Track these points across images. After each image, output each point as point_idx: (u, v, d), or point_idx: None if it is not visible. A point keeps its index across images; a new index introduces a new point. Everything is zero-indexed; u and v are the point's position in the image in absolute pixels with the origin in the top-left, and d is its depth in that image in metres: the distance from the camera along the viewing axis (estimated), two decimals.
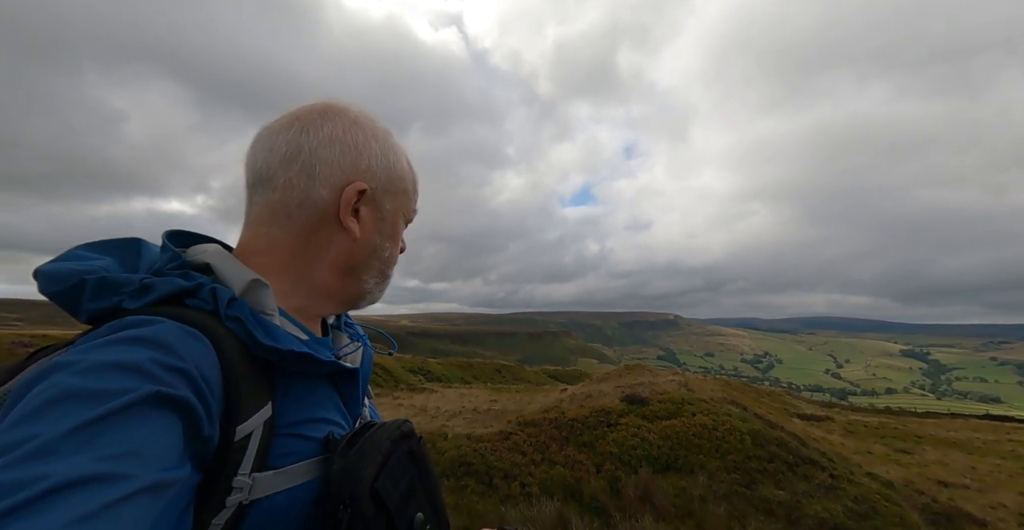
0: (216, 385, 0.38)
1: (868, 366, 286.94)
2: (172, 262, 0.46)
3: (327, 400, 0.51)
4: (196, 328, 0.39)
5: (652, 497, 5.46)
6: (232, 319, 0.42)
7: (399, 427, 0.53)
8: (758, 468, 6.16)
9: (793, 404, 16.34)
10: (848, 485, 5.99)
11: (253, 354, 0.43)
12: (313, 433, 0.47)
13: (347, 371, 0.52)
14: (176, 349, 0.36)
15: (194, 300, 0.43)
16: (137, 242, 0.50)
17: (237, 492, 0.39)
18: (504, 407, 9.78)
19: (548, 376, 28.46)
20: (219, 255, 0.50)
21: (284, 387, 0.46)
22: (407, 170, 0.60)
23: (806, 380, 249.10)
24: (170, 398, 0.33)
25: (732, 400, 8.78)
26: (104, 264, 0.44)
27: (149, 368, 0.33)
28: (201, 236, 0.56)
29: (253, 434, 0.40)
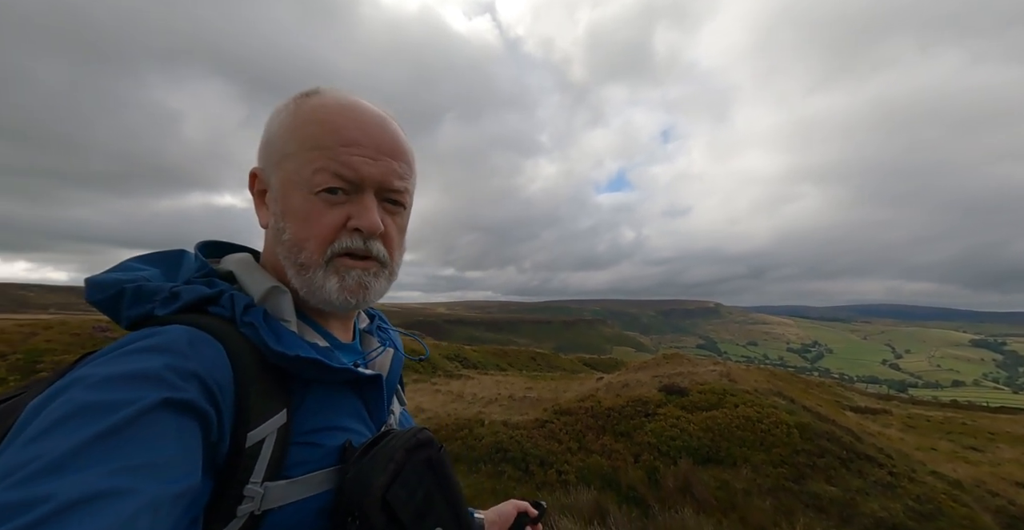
0: (228, 390, 0.38)
1: (932, 357, 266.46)
2: (200, 271, 0.48)
3: (348, 408, 0.49)
4: (210, 333, 0.40)
5: (693, 489, 5.34)
6: (247, 325, 0.43)
7: (415, 435, 0.49)
8: (807, 463, 5.87)
9: (846, 396, 15.47)
10: (909, 483, 5.61)
11: (268, 361, 0.42)
12: (329, 441, 0.45)
13: (366, 378, 0.50)
14: (187, 354, 0.36)
15: (216, 307, 0.44)
16: (181, 253, 0.51)
17: (248, 501, 0.38)
18: (539, 395, 9.83)
19: (583, 364, 28.36)
20: (242, 263, 0.51)
21: (301, 394, 0.45)
22: (294, 130, 0.48)
23: (860, 371, 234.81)
24: (181, 403, 0.33)
25: (778, 391, 8.39)
26: (148, 274, 0.46)
27: (161, 374, 0.33)
28: (236, 246, 0.57)
29: (266, 441, 0.39)
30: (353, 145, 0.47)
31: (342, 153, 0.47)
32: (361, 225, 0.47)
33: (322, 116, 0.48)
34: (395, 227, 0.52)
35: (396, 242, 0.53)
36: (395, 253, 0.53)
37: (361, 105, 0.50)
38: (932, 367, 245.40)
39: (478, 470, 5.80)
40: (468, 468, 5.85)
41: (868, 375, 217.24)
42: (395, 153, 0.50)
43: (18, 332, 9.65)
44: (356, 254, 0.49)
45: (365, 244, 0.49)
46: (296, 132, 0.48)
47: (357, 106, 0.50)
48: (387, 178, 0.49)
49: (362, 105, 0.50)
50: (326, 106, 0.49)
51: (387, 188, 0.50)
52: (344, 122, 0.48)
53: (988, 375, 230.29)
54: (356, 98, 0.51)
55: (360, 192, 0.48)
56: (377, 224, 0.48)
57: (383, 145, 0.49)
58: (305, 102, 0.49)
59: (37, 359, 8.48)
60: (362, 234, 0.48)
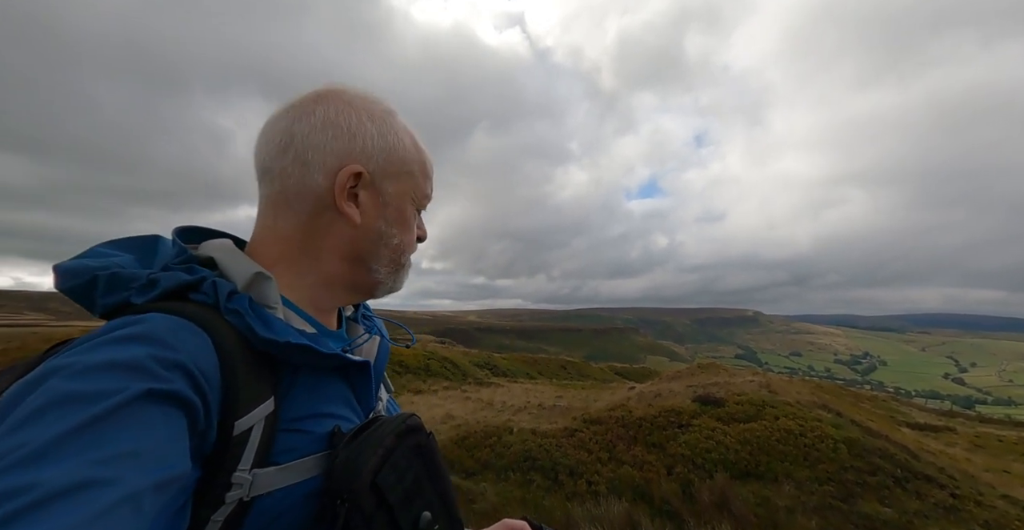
0: (213, 378, 0.37)
1: (1002, 371, 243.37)
2: (179, 257, 0.47)
3: (336, 394, 0.49)
4: (193, 321, 0.39)
5: (730, 504, 5.10)
6: (232, 312, 0.42)
7: (404, 420, 0.50)
8: (856, 481, 5.48)
9: (901, 412, 14.37)
10: (976, 507, 5.13)
11: (255, 348, 0.42)
12: (318, 428, 0.45)
13: (355, 364, 0.51)
14: (171, 343, 0.36)
15: (197, 294, 0.43)
16: (155, 239, 0.51)
17: (237, 488, 0.38)
18: (569, 403, 9.69)
19: (615, 373, 27.74)
20: (224, 249, 0.49)
21: (288, 381, 0.45)
22: (412, 151, 0.56)
23: (919, 385, 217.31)
24: (166, 393, 0.33)
25: (823, 404, 7.91)
26: (121, 261, 0.45)
27: (143, 364, 0.33)
28: (216, 232, 0.55)
29: (254, 429, 0.39)
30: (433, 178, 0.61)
31: (427, 185, 0.59)
32: (424, 235, 0.61)
33: (424, 148, 0.59)
34: None
35: None
36: None
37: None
38: (1003, 382, 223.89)
39: (507, 478, 5.77)
40: (496, 476, 5.83)
41: (928, 390, 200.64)
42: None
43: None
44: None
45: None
46: (417, 156, 0.57)
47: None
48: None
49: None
50: (418, 136, 0.59)
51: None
52: (430, 158, 0.60)
53: None
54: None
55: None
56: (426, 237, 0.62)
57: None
58: (405, 124, 0.57)
59: None
60: (421, 242, 0.61)
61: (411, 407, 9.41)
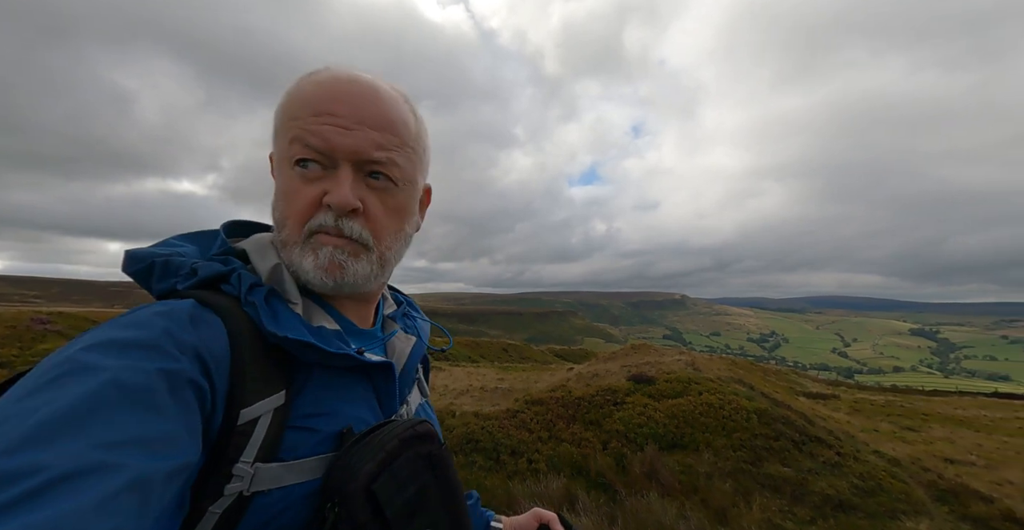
0: (223, 365, 0.38)
1: (876, 345, 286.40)
2: (220, 248, 0.48)
3: (354, 395, 0.47)
4: (213, 310, 0.40)
5: (658, 474, 5.53)
6: (249, 304, 0.42)
7: (412, 426, 0.46)
8: (764, 446, 6.19)
9: (799, 383, 16.39)
10: (854, 463, 6.02)
11: (270, 341, 0.42)
12: (328, 427, 0.43)
13: (373, 365, 0.47)
14: (187, 327, 0.37)
15: (227, 285, 0.44)
16: (217, 232, 0.52)
17: (237, 480, 0.37)
18: (511, 386, 9.90)
19: (555, 355, 28.78)
20: (257, 242, 0.50)
21: (303, 377, 0.43)
22: (281, 105, 0.47)
23: (812, 359, 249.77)
24: (177, 374, 0.33)
25: (739, 379, 8.78)
26: (184, 250, 0.47)
27: (158, 344, 0.34)
28: (265, 226, 0.56)
29: (260, 420, 0.38)
30: (325, 114, 0.44)
31: (312, 122, 0.44)
32: (330, 201, 0.44)
33: (305, 89, 0.46)
34: (381, 206, 0.48)
35: (384, 222, 0.48)
36: (383, 235, 0.48)
37: (355, 78, 0.46)
38: (876, 354, 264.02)
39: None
40: None
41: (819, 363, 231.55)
42: (378, 124, 0.46)
43: None
44: (329, 232, 0.46)
45: (336, 222, 0.45)
46: (284, 109, 0.46)
47: (347, 79, 0.46)
48: (362, 148, 0.45)
49: (356, 78, 0.46)
50: (316, 80, 0.46)
51: (365, 159, 0.46)
52: (322, 93, 0.45)
53: (924, 361, 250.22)
54: (358, 73, 0.47)
55: (336, 166, 0.45)
56: (347, 200, 0.44)
57: (365, 115, 0.45)
58: (301, 79, 0.47)
59: None
60: (333, 210, 0.45)
61: None
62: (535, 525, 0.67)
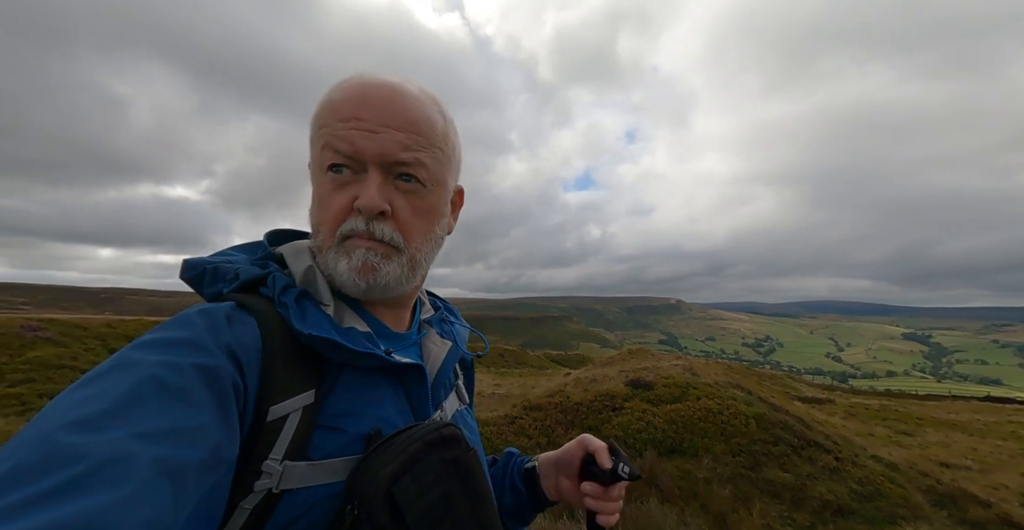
0: (254, 362, 0.39)
1: (869, 349, 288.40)
2: (261, 254, 0.51)
3: (385, 397, 0.47)
4: (248, 310, 0.42)
5: (657, 479, 5.51)
6: (282, 305, 0.43)
7: (438, 429, 0.45)
8: (763, 451, 6.19)
9: (794, 387, 16.45)
10: (852, 467, 6.03)
11: (302, 342, 0.42)
12: (356, 428, 0.43)
13: (403, 367, 0.48)
14: (223, 326, 0.39)
15: (264, 288, 0.45)
16: (263, 242, 0.54)
17: (266, 477, 0.37)
18: (508, 391, 9.85)
19: (551, 360, 28.69)
20: (292, 247, 0.51)
21: (333, 377, 0.44)
22: (315, 115, 0.49)
23: (807, 363, 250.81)
24: (212, 368, 0.35)
25: (736, 384, 8.80)
26: (235, 258, 0.49)
27: (194, 341, 0.36)
28: (305, 233, 0.56)
29: (289, 418, 0.39)
30: (352, 120, 0.45)
31: (340, 128, 0.45)
32: (359, 205, 0.45)
33: (332, 96, 0.47)
34: (410, 208, 0.48)
35: (413, 224, 0.49)
36: (413, 236, 0.49)
37: (382, 82, 0.47)
38: (869, 359, 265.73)
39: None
40: None
41: (814, 367, 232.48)
42: (402, 125, 0.46)
43: None
44: (361, 236, 0.47)
45: (367, 226, 0.46)
46: (314, 117, 0.49)
47: (374, 84, 0.47)
48: (388, 150, 0.45)
49: (383, 82, 0.47)
50: (345, 87, 0.47)
51: (391, 161, 0.46)
52: (348, 99, 0.46)
53: (916, 365, 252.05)
54: (386, 77, 0.48)
55: (365, 170, 0.46)
56: (374, 202, 0.45)
57: (388, 117, 0.46)
58: (333, 88, 0.48)
59: None
60: (361, 213, 0.46)
61: None
62: (580, 454, 0.61)
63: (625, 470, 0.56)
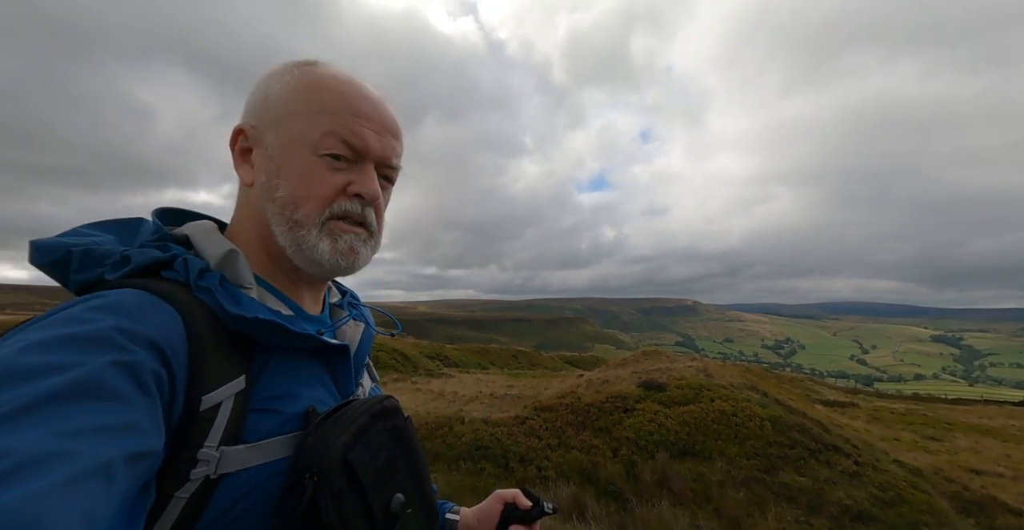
0: (181, 352, 0.37)
1: (896, 352, 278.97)
2: (155, 235, 0.48)
3: (312, 377, 0.49)
4: (162, 297, 0.39)
5: (669, 482, 5.44)
6: (202, 289, 0.42)
7: (380, 401, 0.49)
8: (779, 454, 6.05)
9: (816, 390, 16.03)
10: (873, 472, 5.84)
11: (226, 326, 0.42)
12: (291, 408, 0.45)
13: (331, 347, 0.50)
14: (137, 316, 0.36)
15: (169, 272, 0.43)
16: (139, 221, 0.51)
17: (203, 465, 0.37)
18: (520, 392, 9.84)
19: (564, 362, 28.56)
20: (199, 228, 0.49)
21: (262, 361, 0.45)
22: (299, 92, 0.48)
23: (830, 366, 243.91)
24: (132, 365, 0.33)
25: (752, 386, 8.62)
26: (100, 239, 0.45)
27: (108, 336, 0.33)
28: (200, 214, 0.56)
29: (222, 405, 0.39)
30: (363, 117, 0.49)
31: (353, 122, 0.49)
32: (363, 191, 0.49)
33: (332, 84, 0.49)
34: (383, 201, 0.55)
35: (382, 216, 0.56)
36: (382, 226, 0.56)
37: (365, 83, 0.53)
38: (896, 362, 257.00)
39: (458, 468, 5.77)
40: (448, 466, 5.81)
41: (837, 370, 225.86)
42: (395, 133, 0.53)
43: None
44: (352, 219, 0.50)
45: (362, 210, 0.50)
46: (305, 94, 0.48)
47: (362, 82, 0.52)
48: (387, 154, 0.52)
49: (365, 83, 0.53)
50: (335, 76, 0.50)
51: (386, 164, 0.53)
52: (355, 94, 0.50)
53: (946, 368, 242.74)
54: (363, 80, 0.53)
55: (362, 162, 0.50)
56: (378, 192, 0.51)
57: (387, 123, 0.52)
58: (310, 69, 0.50)
59: None
60: (362, 200, 0.50)
61: None
62: (499, 507, 0.64)
63: (549, 505, 0.63)
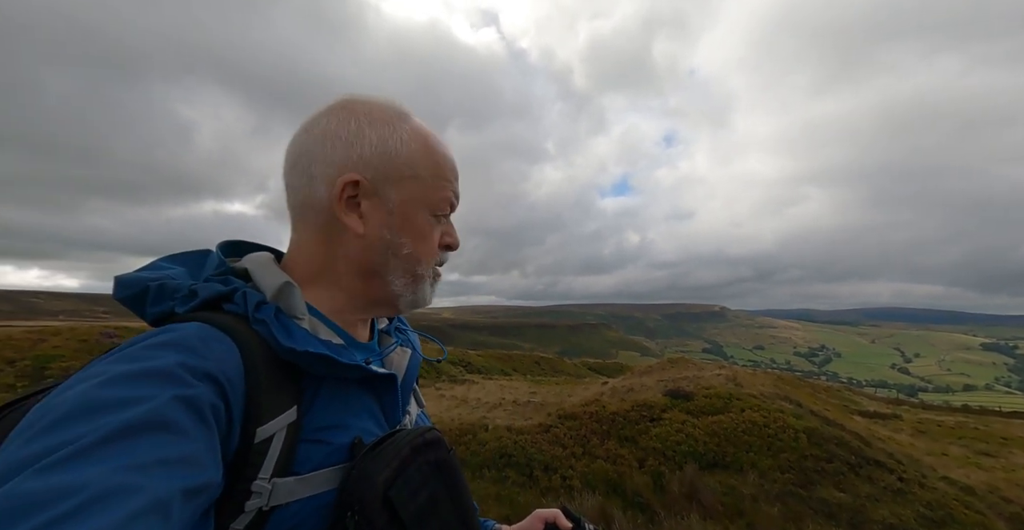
0: (238, 385, 0.39)
1: (942, 360, 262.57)
2: (218, 269, 0.49)
3: (360, 406, 0.49)
4: (223, 330, 0.40)
5: (699, 494, 5.28)
6: (258, 321, 0.43)
7: (422, 434, 0.49)
8: (815, 468, 5.79)
9: (854, 401, 15.26)
10: (920, 489, 5.51)
11: (280, 357, 0.43)
12: (339, 439, 0.45)
13: (379, 377, 0.50)
14: (200, 351, 0.37)
15: (230, 305, 0.45)
16: (206, 253, 0.53)
17: (256, 497, 0.38)
18: (544, 399, 9.77)
19: (588, 369, 28.20)
20: (257, 261, 0.51)
21: (312, 391, 0.45)
22: (420, 154, 0.53)
23: (869, 375, 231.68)
24: (193, 399, 0.34)
25: (785, 395, 8.30)
26: (174, 273, 0.48)
27: (172, 371, 0.34)
28: (260, 246, 0.58)
29: (275, 437, 0.40)
30: (456, 179, 0.57)
31: (455, 186, 0.56)
32: (454, 242, 0.58)
33: (439, 148, 0.55)
34: None
35: None
36: None
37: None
38: (942, 371, 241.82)
39: (482, 475, 5.76)
40: (472, 473, 5.81)
41: (877, 379, 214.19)
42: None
43: (26, 339, 9.74)
44: (440, 266, 0.58)
45: (446, 259, 0.59)
46: (425, 158, 0.53)
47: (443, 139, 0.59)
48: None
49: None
50: (436, 138, 0.56)
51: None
52: (451, 156, 0.57)
53: (1000, 379, 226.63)
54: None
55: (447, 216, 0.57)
56: (459, 243, 0.58)
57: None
58: (417, 127, 0.54)
59: (45, 365, 8.55)
60: (451, 250, 0.58)
61: None
62: (539, 527, 0.65)
63: (590, 526, 0.64)
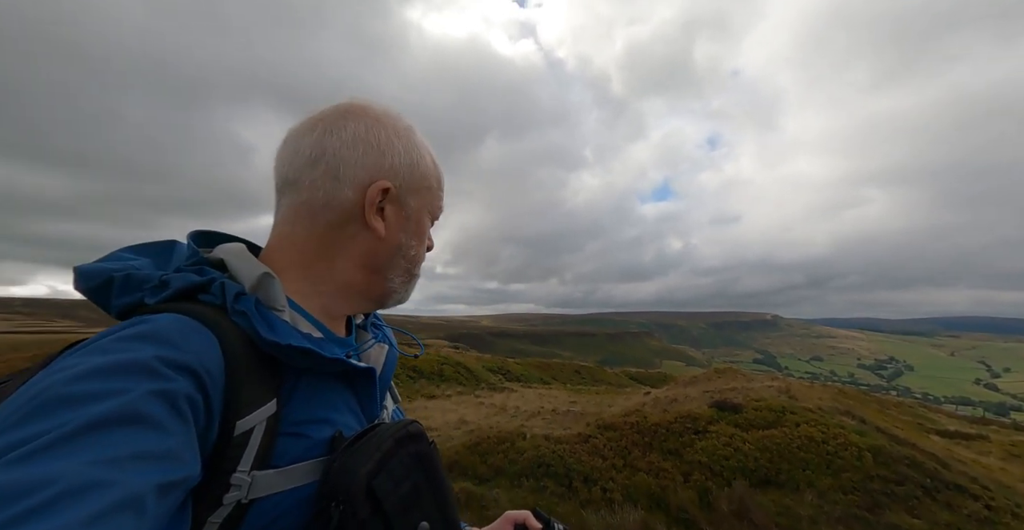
0: (218, 378, 0.38)
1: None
2: (191, 259, 0.48)
3: (339, 400, 0.49)
4: (201, 321, 0.39)
5: (750, 513, 4.96)
6: (238, 313, 0.42)
7: (405, 427, 0.49)
8: (883, 490, 5.28)
9: (930, 418, 13.86)
10: (1012, 520, 4.90)
11: (259, 350, 0.42)
12: (319, 433, 0.45)
13: (358, 370, 0.50)
14: (177, 343, 0.36)
15: (206, 295, 0.43)
16: (172, 243, 0.53)
17: (235, 490, 0.38)
18: (583, 409, 9.59)
19: (629, 378, 27.39)
20: (234, 251, 0.50)
21: (292, 384, 0.45)
22: (431, 167, 0.59)
23: (948, 391, 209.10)
24: (171, 393, 0.33)
25: (846, 410, 7.67)
26: (139, 264, 0.46)
27: (149, 364, 0.33)
28: (231, 236, 0.56)
29: (254, 430, 0.39)
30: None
31: (441, 198, 0.63)
32: (432, 245, 0.64)
33: (437, 163, 0.61)
34: None
35: None
36: None
37: None
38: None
39: (520, 484, 5.71)
40: (509, 482, 5.78)
41: (958, 396, 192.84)
42: None
43: None
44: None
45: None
46: (435, 171, 0.60)
47: None
48: None
49: None
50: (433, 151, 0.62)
51: None
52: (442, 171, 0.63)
53: None
54: None
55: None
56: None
57: None
58: (422, 140, 0.60)
59: None
60: (429, 251, 0.63)
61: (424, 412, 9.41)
62: (510, 528, 0.65)
63: (560, 527, 0.64)
